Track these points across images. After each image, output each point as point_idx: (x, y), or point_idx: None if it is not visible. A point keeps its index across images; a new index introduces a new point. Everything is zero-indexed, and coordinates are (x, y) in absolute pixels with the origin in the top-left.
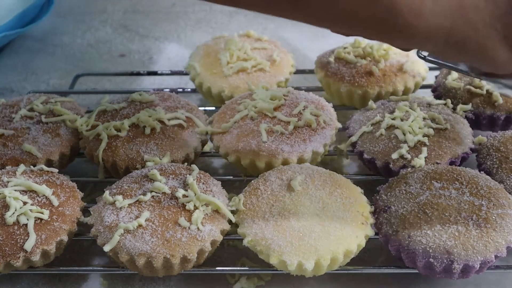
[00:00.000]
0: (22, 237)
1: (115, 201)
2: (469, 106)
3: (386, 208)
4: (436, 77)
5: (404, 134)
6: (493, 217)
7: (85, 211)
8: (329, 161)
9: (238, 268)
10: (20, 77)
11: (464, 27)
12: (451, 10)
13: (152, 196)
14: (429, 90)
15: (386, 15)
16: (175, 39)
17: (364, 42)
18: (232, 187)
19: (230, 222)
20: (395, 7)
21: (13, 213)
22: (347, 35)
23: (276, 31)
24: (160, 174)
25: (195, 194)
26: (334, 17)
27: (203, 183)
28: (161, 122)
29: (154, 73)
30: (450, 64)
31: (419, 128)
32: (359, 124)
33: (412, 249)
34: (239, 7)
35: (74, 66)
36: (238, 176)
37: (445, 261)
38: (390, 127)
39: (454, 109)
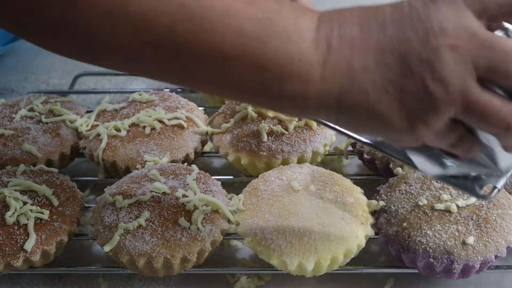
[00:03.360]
0: (22, 237)
1: (115, 201)
2: None
3: (386, 208)
4: None
5: None
6: (493, 217)
7: (85, 211)
8: (329, 161)
9: (238, 268)
10: (20, 77)
11: (354, 91)
12: (341, 73)
13: (152, 196)
14: None
15: (274, 83)
16: None
17: None
18: (232, 187)
19: (229, 222)
20: (283, 74)
21: (13, 213)
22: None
23: None
24: (160, 174)
25: (195, 194)
26: (220, 86)
27: (203, 183)
28: (161, 122)
29: None
30: (354, 135)
31: None
32: None
33: (412, 249)
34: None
35: (74, 66)
36: (238, 176)
37: (445, 261)
38: None
39: None
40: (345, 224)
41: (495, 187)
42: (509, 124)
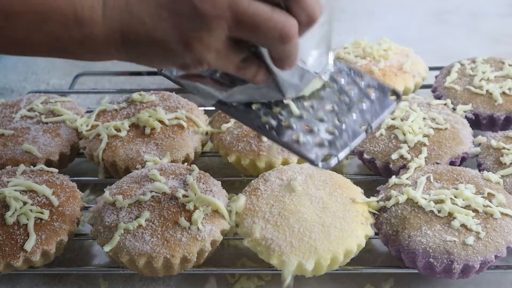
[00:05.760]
0: (22, 237)
1: (115, 201)
2: (469, 106)
3: (386, 208)
4: (436, 77)
5: (404, 134)
6: (493, 217)
7: (85, 211)
8: None
9: (238, 268)
10: (20, 77)
11: (133, 23)
12: (119, 9)
13: (152, 196)
14: (429, 90)
15: (61, 32)
16: None
17: (364, 42)
18: (232, 187)
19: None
20: (67, 21)
21: (13, 213)
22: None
23: None
24: (160, 174)
25: (195, 194)
26: (10, 44)
27: (203, 183)
28: (161, 122)
29: (154, 73)
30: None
31: (419, 128)
32: None
33: (412, 249)
34: None
35: (74, 66)
36: (238, 176)
37: (445, 261)
38: (390, 127)
39: (454, 109)
40: (345, 224)
41: (335, 156)
42: (281, 31)
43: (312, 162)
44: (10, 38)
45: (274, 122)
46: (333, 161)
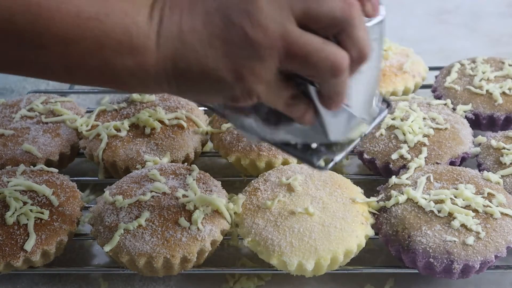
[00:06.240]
0: (22, 237)
1: (115, 201)
2: (469, 106)
3: (386, 208)
4: (436, 77)
5: (404, 134)
6: (493, 217)
7: (85, 211)
8: None
9: (238, 268)
10: (20, 77)
11: (185, 52)
12: (173, 38)
13: (152, 196)
14: (429, 90)
15: (115, 59)
16: None
17: None
18: (232, 187)
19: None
20: (121, 48)
21: (13, 213)
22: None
23: None
24: (160, 174)
25: (195, 194)
26: (65, 70)
27: (203, 183)
28: (161, 122)
29: None
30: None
31: (419, 128)
32: None
33: (412, 249)
34: None
35: None
36: (238, 176)
37: (445, 261)
38: (390, 127)
39: (454, 109)
40: (345, 224)
41: (332, 160)
42: (333, 63)
43: (311, 164)
44: (65, 65)
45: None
46: (331, 164)
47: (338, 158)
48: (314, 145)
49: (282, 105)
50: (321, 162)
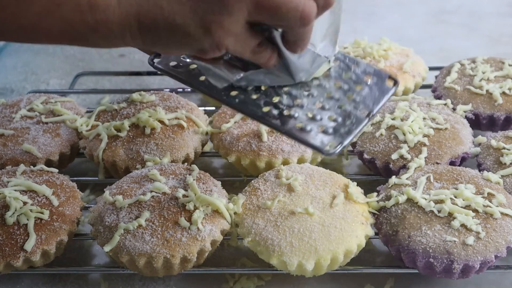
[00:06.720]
0: (22, 237)
1: (115, 201)
2: (469, 106)
3: (386, 208)
4: (436, 77)
5: (404, 134)
6: (493, 217)
7: (85, 211)
8: (329, 161)
9: (238, 268)
10: (20, 77)
11: (150, 8)
12: None
13: (152, 196)
14: (429, 90)
15: (75, 17)
16: None
17: (364, 42)
18: (232, 187)
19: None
20: (80, 6)
21: (13, 213)
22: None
23: None
24: (160, 174)
25: (195, 194)
26: (21, 29)
27: (203, 183)
28: (161, 122)
29: (154, 73)
30: (171, 72)
31: (419, 128)
32: None
33: (412, 249)
34: None
35: (74, 66)
36: (238, 176)
37: (445, 261)
38: (390, 127)
39: (454, 109)
40: (345, 224)
41: (340, 142)
42: (302, 13)
43: (318, 149)
44: (21, 24)
45: (276, 112)
46: (339, 148)
47: (346, 141)
48: (318, 127)
49: (249, 53)
50: (329, 147)
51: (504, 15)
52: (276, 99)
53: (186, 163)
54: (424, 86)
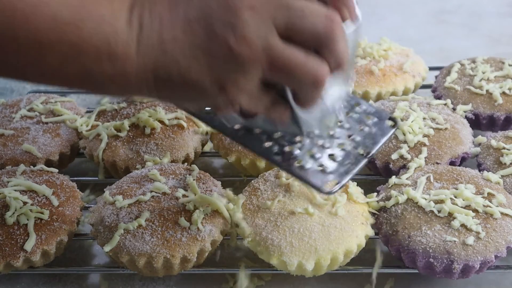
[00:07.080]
0: (22, 237)
1: (115, 201)
2: (469, 106)
3: (386, 208)
4: (436, 77)
5: (404, 134)
6: (493, 217)
7: (85, 211)
8: None
9: (238, 268)
10: None
11: (166, 62)
12: (153, 47)
13: (152, 196)
14: (429, 90)
15: (93, 65)
16: None
17: (363, 42)
18: (232, 187)
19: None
20: (100, 55)
21: (13, 213)
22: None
23: None
24: (160, 174)
25: (195, 194)
26: (42, 75)
27: (203, 183)
28: (161, 122)
29: None
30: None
31: (419, 128)
32: None
33: (412, 249)
34: None
35: None
36: (238, 176)
37: (445, 261)
38: None
39: (454, 109)
40: (345, 224)
41: (338, 182)
42: (315, 77)
43: (317, 188)
44: (42, 70)
45: (277, 148)
46: (336, 188)
47: (344, 181)
48: (318, 166)
49: (263, 110)
50: (328, 187)
51: (504, 15)
52: (277, 135)
53: (186, 163)
54: (424, 86)
